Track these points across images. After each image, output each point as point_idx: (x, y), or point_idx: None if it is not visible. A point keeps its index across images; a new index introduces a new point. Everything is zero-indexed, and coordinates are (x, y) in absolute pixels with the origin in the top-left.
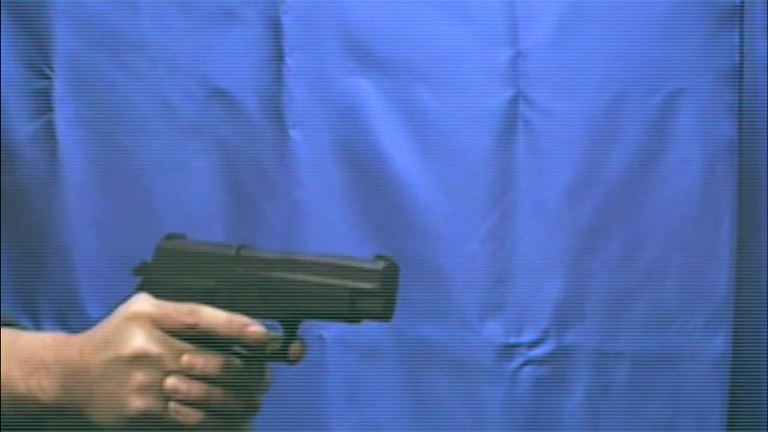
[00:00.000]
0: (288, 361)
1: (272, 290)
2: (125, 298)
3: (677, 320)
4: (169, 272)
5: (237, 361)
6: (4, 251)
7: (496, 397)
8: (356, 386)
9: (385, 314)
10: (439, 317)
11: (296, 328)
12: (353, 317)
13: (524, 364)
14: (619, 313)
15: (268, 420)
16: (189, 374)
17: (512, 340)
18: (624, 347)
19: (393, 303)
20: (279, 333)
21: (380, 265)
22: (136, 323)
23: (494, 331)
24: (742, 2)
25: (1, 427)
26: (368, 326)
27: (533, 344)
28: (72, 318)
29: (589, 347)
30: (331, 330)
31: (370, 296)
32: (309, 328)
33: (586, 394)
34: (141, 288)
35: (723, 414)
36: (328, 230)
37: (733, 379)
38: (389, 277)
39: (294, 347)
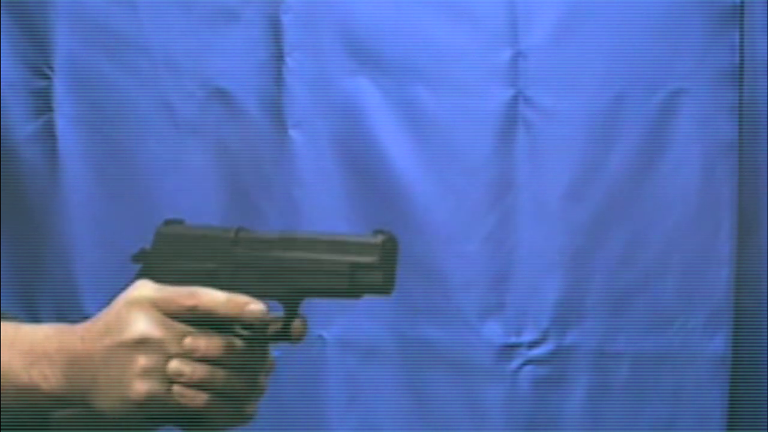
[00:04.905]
0: (290, 339)
1: (272, 269)
2: (126, 285)
3: (677, 320)
4: (169, 257)
5: (239, 343)
6: (4, 251)
7: (496, 397)
8: (356, 386)
9: (385, 288)
10: (439, 317)
11: (297, 307)
12: (354, 292)
13: (524, 364)
14: (619, 313)
15: (269, 420)
16: (192, 357)
17: (512, 340)
18: (624, 347)
19: (393, 276)
20: (280, 314)
21: (379, 238)
22: (137, 308)
23: (494, 331)
24: (742, 2)
25: (7, 421)
26: (368, 326)
27: (533, 344)
28: (71, 318)
29: (589, 347)
30: (332, 330)
31: (370, 270)
32: (309, 328)
33: (586, 394)
34: (141, 274)
35: (723, 414)
36: (327, 230)
37: (733, 379)
38: (388, 250)
39: (296, 325)
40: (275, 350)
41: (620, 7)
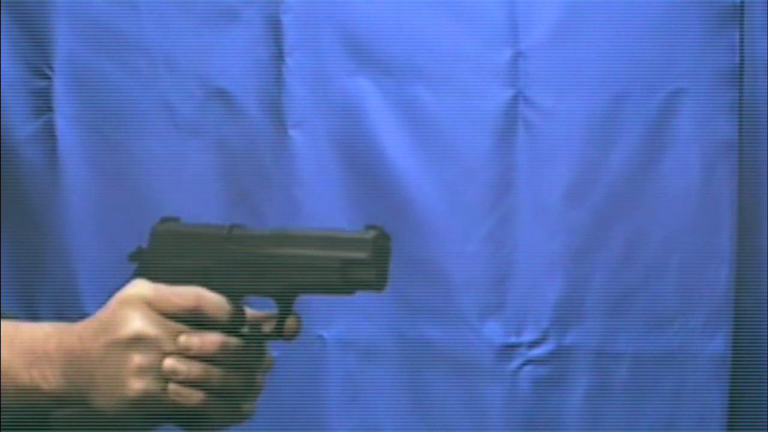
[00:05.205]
0: (284, 337)
1: (265, 266)
2: (122, 284)
3: (677, 320)
4: (164, 254)
5: (234, 340)
6: (4, 251)
7: (496, 397)
8: (356, 386)
9: (377, 283)
10: (439, 317)
11: (290, 304)
12: (346, 288)
13: (524, 364)
14: (619, 313)
15: (269, 420)
16: (187, 355)
17: (512, 340)
18: (624, 347)
19: (385, 272)
20: (274, 312)
21: (371, 234)
22: (132, 306)
23: (494, 331)
24: (742, 2)
25: (7, 421)
26: (368, 326)
27: (533, 344)
28: (71, 318)
29: (589, 347)
30: (331, 330)
31: (362, 266)
32: (309, 328)
33: (586, 394)
34: (137, 272)
35: (723, 414)
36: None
37: (733, 379)
38: (380, 246)
39: (289, 322)
40: (275, 350)
41: (620, 7)
